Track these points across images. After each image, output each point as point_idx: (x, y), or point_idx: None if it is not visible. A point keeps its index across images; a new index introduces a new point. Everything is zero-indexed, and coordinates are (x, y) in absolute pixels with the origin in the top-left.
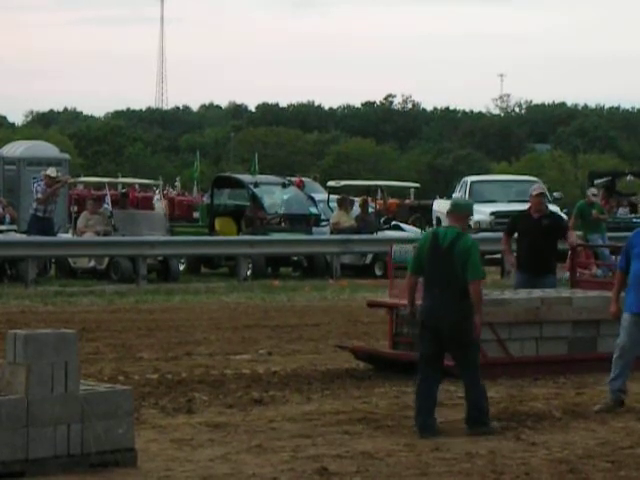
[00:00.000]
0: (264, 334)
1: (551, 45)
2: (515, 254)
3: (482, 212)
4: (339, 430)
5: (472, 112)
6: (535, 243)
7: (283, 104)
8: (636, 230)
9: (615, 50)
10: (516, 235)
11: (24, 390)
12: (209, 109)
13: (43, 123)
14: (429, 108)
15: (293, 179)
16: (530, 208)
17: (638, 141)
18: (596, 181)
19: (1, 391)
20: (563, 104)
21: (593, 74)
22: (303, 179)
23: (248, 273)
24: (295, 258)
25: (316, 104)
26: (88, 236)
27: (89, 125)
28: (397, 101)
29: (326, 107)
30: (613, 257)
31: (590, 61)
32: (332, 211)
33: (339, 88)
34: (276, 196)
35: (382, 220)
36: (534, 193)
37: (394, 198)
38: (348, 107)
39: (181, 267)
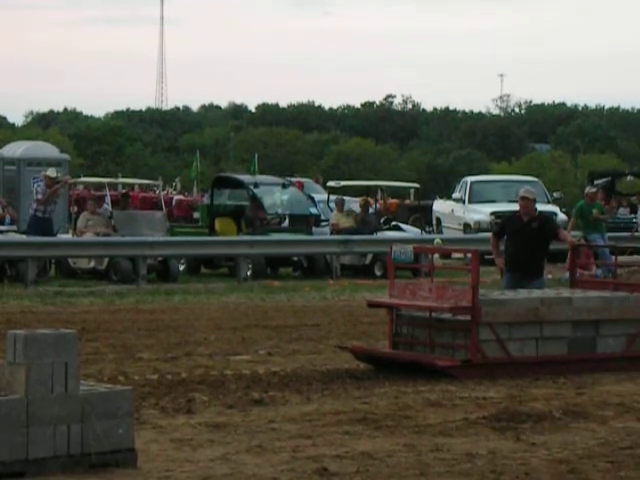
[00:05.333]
0: (264, 334)
1: (551, 45)
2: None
3: (482, 212)
4: (339, 430)
5: (472, 112)
6: (524, 246)
7: (283, 104)
8: None
9: (615, 50)
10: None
11: (24, 390)
12: (209, 109)
13: (43, 123)
14: (429, 108)
15: (293, 179)
16: (519, 210)
17: (638, 141)
18: (596, 181)
19: (1, 391)
20: (563, 104)
21: (593, 74)
22: (302, 180)
23: (248, 273)
24: (295, 258)
25: (316, 104)
26: (88, 237)
27: (89, 125)
28: (397, 101)
29: (326, 107)
30: (613, 257)
31: (590, 61)
32: (332, 211)
33: (339, 88)
34: (276, 196)
35: (382, 220)
36: (520, 195)
37: (394, 198)
38: (348, 107)
39: (181, 267)
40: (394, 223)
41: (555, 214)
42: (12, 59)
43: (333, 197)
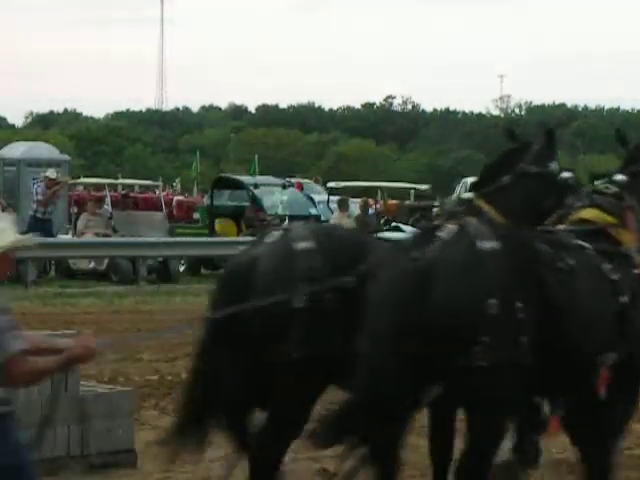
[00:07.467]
0: None
1: (551, 45)
2: None
3: None
4: None
5: (472, 113)
6: None
7: (283, 105)
8: None
9: (615, 51)
10: None
11: (23, 392)
12: (209, 110)
13: (43, 124)
14: (429, 109)
15: (292, 180)
16: None
17: (638, 142)
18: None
19: None
20: (563, 105)
21: (593, 75)
22: (301, 181)
23: None
24: None
25: (316, 105)
26: (88, 237)
27: (89, 126)
28: (397, 102)
29: (326, 108)
30: None
31: (590, 62)
32: (332, 212)
33: (339, 89)
34: (276, 197)
35: (382, 221)
36: None
37: (395, 199)
38: (348, 108)
39: (181, 268)
40: (394, 224)
41: None
42: (12, 60)
43: (333, 198)
